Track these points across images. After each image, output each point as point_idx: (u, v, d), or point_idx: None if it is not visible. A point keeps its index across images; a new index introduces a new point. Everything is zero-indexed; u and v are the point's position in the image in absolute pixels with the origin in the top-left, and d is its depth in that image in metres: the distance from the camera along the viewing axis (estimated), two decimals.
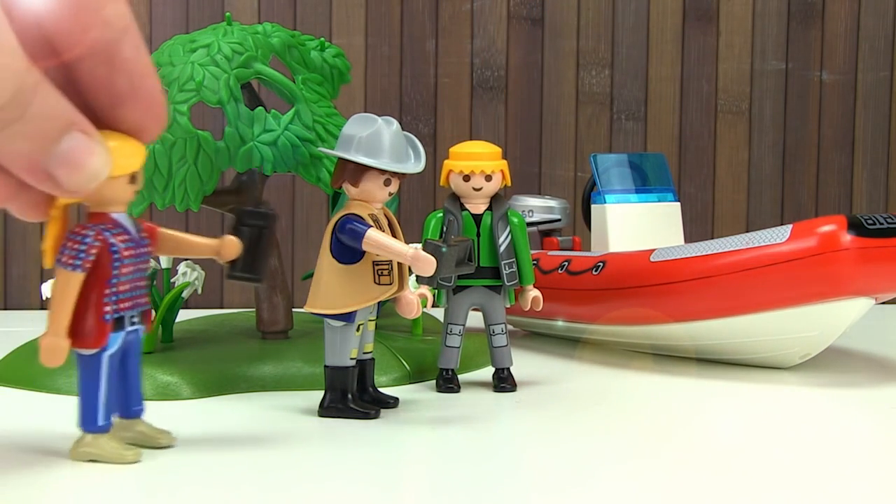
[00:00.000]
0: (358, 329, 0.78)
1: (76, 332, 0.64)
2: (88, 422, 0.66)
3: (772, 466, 0.67)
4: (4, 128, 0.53)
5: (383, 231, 0.77)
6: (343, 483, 0.64)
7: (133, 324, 0.67)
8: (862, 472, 0.67)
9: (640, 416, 0.81)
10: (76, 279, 0.63)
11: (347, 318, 0.77)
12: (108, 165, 0.56)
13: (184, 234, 0.71)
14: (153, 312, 0.69)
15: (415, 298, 0.79)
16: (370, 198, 0.77)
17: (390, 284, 0.77)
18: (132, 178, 0.64)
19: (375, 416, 0.78)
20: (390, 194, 0.77)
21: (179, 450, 0.69)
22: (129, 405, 0.69)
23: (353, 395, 0.78)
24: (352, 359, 0.78)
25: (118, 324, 0.65)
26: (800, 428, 0.78)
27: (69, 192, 0.56)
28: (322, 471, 0.66)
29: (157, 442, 0.69)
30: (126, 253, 0.65)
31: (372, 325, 0.80)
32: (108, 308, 0.65)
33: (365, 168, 0.76)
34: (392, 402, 0.81)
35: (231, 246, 0.70)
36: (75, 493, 0.63)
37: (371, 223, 0.76)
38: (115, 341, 0.66)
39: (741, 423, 0.80)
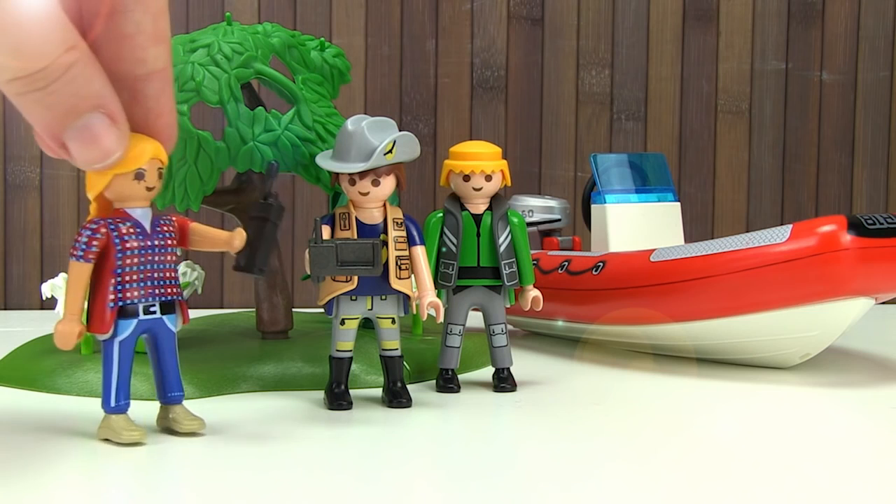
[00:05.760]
0: (343, 323, 0.80)
1: (90, 319, 0.69)
2: (105, 402, 0.70)
3: (772, 466, 0.67)
4: (26, 93, 0.55)
5: (348, 230, 0.79)
6: (343, 482, 0.64)
7: (151, 312, 0.70)
8: (862, 472, 0.67)
9: (639, 416, 0.81)
10: (81, 269, 0.68)
11: (327, 310, 0.80)
12: (120, 151, 0.61)
13: (209, 228, 0.73)
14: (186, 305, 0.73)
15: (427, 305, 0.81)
16: (351, 196, 0.80)
17: (345, 282, 0.79)
18: (137, 176, 0.67)
19: (338, 409, 0.80)
20: (362, 194, 0.79)
21: (179, 449, 0.69)
22: (165, 391, 0.72)
23: (340, 387, 0.81)
24: (339, 351, 0.81)
25: (128, 312, 0.69)
26: (800, 428, 0.78)
27: (81, 165, 0.60)
28: (322, 470, 0.66)
29: (180, 426, 0.72)
30: (131, 244, 0.69)
31: (385, 323, 0.81)
32: (111, 296, 0.68)
33: None
34: (405, 402, 0.81)
35: (240, 238, 0.73)
36: (73, 493, 0.63)
37: (340, 223, 0.79)
38: (126, 328, 0.69)
39: (741, 423, 0.80)
